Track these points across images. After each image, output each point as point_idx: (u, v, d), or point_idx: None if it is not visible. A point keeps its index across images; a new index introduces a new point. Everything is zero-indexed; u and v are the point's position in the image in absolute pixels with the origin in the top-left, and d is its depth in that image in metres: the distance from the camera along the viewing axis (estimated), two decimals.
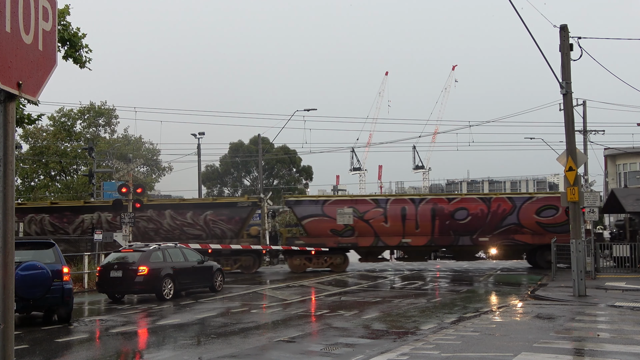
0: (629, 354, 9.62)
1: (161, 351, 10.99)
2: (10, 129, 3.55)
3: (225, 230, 31.51)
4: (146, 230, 31.49)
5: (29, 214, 31.83)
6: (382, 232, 31.20)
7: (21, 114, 17.61)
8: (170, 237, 31.14)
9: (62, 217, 31.82)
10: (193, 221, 31.57)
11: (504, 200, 30.92)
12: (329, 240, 31.26)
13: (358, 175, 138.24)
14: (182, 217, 31.67)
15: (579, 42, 19.09)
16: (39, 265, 13.64)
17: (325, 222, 31.30)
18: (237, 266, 31.24)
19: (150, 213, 31.52)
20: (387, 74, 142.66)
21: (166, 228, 31.63)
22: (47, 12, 3.87)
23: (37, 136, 49.14)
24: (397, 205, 31.43)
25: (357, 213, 31.27)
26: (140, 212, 31.02)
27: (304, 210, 31.72)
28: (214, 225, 31.47)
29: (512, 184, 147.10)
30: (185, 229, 31.59)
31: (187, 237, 31.25)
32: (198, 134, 45.69)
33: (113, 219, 31.22)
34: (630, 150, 52.22)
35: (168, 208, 32.03)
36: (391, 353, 9.99)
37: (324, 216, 31.39)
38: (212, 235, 31.49)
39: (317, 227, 31.34)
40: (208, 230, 31.53)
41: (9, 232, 3.51)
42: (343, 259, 31.73)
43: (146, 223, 31.47)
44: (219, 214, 31.55)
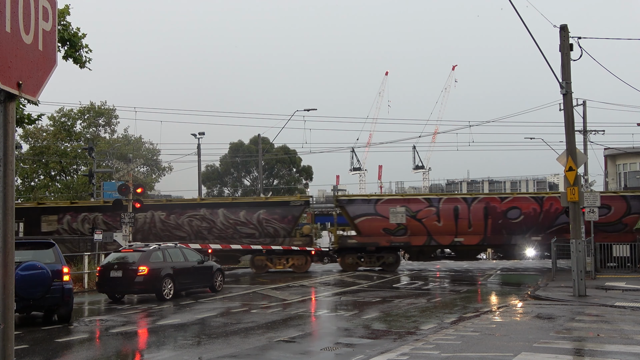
0: (629, 354, 9.62)
1: (161, 351, 10.99)
2: (10, 129, 3.55)
3: (278, 229, 31.54)
4: (199, 229, 31.60)
5: (82, 212, 32.03)
6: (435, 231, 31.23)
7: (21, 114, 17.62)
8: (223, 236, 31.34)
9: (115, 215, 31.83)
10: (246, 220, 31.64)
11: (556, 200, 30.77)
12: (382, 239, 31.26)
13: (358, 175, 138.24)
14: (235, 216, 31.72)
15: (579, 42, 19.11)
16: (39, 265, 13.64)
17: (377, 221, 31.30)
18: (289, 265, 31.36)
19: (203, 212, 31.69)
20: (387, 74, 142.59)
21: (219, 227, 31.66)
22: (47, 12, 3.87)
23: (37, 136, 49.14)
24: (450, 205, 31.47)
25: (409, 212, 31.29)
26: (193, 211, 31.31)
27: (357, 210, 31.69)
28: (267, 224, 31.53)
29: (512, 184, 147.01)
30: (239, 228, 31.63)
31: (240, 236, 31.44)
32: (198, 134, 45.69)
33: (166, 218, 31.41)
34: (630, 150, 52.21)
35: (221, 207, 32.19)
36: (391, 353, 9.99)
37: (376, 215, 31.38)
38: (265, 234, 31.55)
39: (370, 226, 31.36)
40: (261, 229, 31.57)
41: (9, 232, 3.51)
42: (395, 258, 31.78)
43: (199, 222, 31.60)
44: (271, 213, 31.62)
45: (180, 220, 31.66)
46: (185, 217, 31.73)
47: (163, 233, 31.65)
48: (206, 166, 74.55)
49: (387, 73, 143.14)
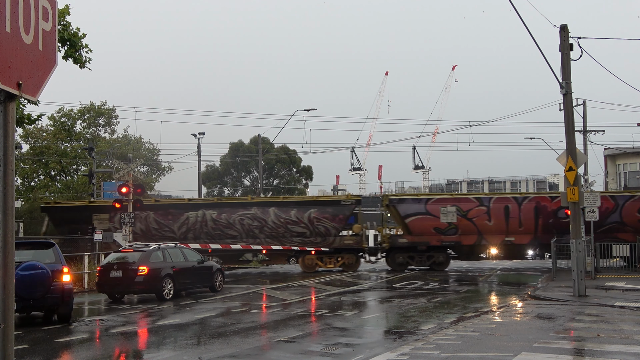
0: (629, 354, 9.62)
1: (161, 351, 10.99)
2: (10, 129, 3.55)
3: (329, 228, 31.53)
4: (251, 228, 31.63)
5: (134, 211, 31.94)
6: (485, 230, 31.20)
7: (21, 114, 17.61)
8: (274, 235, 31.39)
9: (166, 214, 31.94)
10: (297, 219, 31.63)
11: (606, 199, 30.69)
12: (432, 238, 31.24)
13: (358, 175, 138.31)
14: (286, 215, 31.72)
15: (579, 42, 19.10)
16: (39, 265, 13.64)
17: (428, 220, 31.27)
18: (340, 264, 31.36)
19: (254, 211, 31.72)
20: (387, 74, 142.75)
21: (270, 226, 31.66)
22: (47, 12, 3.87)
23: (37, 136, 49.12)
24: (501, 204, 31.41)
25: (460, 211, 31.24)
26: (245, 209, 31.39)
27: (407, 209, 31.67)
28: (318, 223, 31.53)
29: (512, 184, 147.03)
30: (290, 227, 31.65)
31: (291, 235, 31.50)
32: (198, 134, 45.68)
33: (218, 217, 31.46)
34: (630, 150, 52.20)
35: (272, 206, 32.19)
36: (391, 353, 9.98)
37: (427, 214, 31.34)
38: (316, 233, 31.55)
39: (420, 225, 31.35)
40: (312, 228, 31.57)
41: (9, 232, 3.51)
42: (445, 258, 31.74)
43: (251, 221, 31.64)
44: (323, 212, 31.63)
45: (232, 219, 31.59)
46: (237, 216, 31.66)
47: (214, 232, 31.64)
48: (206, 166, 74.55)
49: (387, 73, 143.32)
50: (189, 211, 31.93)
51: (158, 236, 31.43)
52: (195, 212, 31.80)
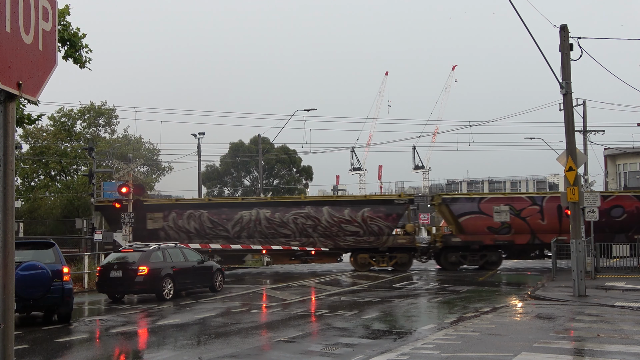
0: (629, 354, 9.62)
1: (161, 351, 10.99)
2: (10, 129, 3.55)
3: (382, 227, 31.48)
4: (304, 227, 31.64)
5: (187, 209, 32.07)
6: (539, 229, 31.11)
7: (21, 114, 17.60)
8: (328, 234, 31.41)
9: (220, 213, 31.90)
10: (351, 218, 31.60)
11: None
12: (486, 237, 31.16)
13: (358, 175, 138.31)
14: (339, 214, 31.70)
15: (579, 42, 19.11)
16: (39, 265, 13.64)
17: (481, 220, 31.22)
18: (393, 263, 31.36)
19: (308, 210, 31.74)
20: (387, 74, 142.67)
21: (324, 225, 31.63)
22: (47, 12, 3.87)
23: (37, 136, 49.09)
24: (554, 203, 31.27)
25: (513, 210, 31.17)
26: (298, 208, 31.48)
27: (461, 208, 31.63)
28: (371, 222, 31.47)
29: (512, 184, 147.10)
30: (343, 226, 31.62)
31: (344, 234, 31.51)
32: (198, 134, 45.67)
33: (271, 216, 31.55)
34: (630, 150, 52.20)
35: (326, 205, 32.19)
36: (391, 353, 9.99)
37: (480, 213, 31.31)
38: (370, 232, 31.50)
39: (474, 225, 31.32)
40: (365, 227, 31.50)
41: (9, 232, 3.51)
42: (497, 257, 31.67)
43: (304, 220, 31.65)
44: (376, 211, 31.57)
45: (285, 218, 31.58)
46: (290, 215, 31.64)
47: (268, 231, 31.65)
48: (206, 166, 74.53)
49: (387, 73, 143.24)
50: (243, 210, 31.93)
51: (212, 235, 31.58)
52: (249, 210, 31.81)
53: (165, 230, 31.60)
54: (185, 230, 31.59)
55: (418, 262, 33.98)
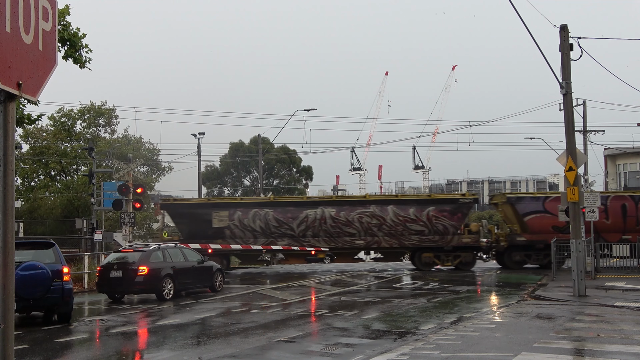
0: (629, 354, 9.62)
1: (161, 351, 10.99)
2: (10, 129, 3.55)
3: (447, 226, 31.54)
4: (369, 225, 31.68)
5: (253, 208, 32.11)
6: (603, 228, 31.07)
7: (21, 114, 17.60)
8: (393, 233, 31.46)
9: (286, 212, 31.94)
10: (416, 217, 31.66)
11: None
12: (550, 236, 30.76)
13: (358, 175, 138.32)
14: (404, 213, 31.74)
15: (579, 42, 19.11)
16: (39, 265, 13.64)
17: (546, 219, 31.19)
18: (457, 262, 31.42)
19: (372, 209, 31.76)
20: (387, 74, 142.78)
21: (389, 224, 31.67)
22: (47, 12, 3.87)
23: (37, 136, 49.08)
24: (618, 202, 31.40)
25: None
26: (363, 207, 31.53)
27: (526, 207, 31.65)
28: (436, 221, 31.54)
29: (512, 184, 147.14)
30: (408, 225, 31.67)
31: (409, 233, 31.58)
32: (198, 134, 45.66)
33: (336, 215, 31.59)
34: (630, 150, 52.19)
35: (391, 204, 32.22)
36: (391, 353, 9.98)
37: (545, 213, 31.30)
38: (434, 231, 31.55)
39: (539, 224, 31.32)
40: (430, 226, 31.57)
41: (9, 232, 3.51)
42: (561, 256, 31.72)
43: (369, 219, 31.69)
44: (441, 210, 31.63)
45: (351, 216, 31.62)
46: (355, 214, 31.67)
47: (333, 230, 31.69)
48: (206, 166, 74.50)
49: (387, 73, 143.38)
50: (308, 209, 31.97)
51: (277, 233, 31.65)
52: (314, 209, 31.85)
53: (230, 229, 31.62)
54: (250, 229, 31.64)
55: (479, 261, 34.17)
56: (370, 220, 31.66)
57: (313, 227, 31.65)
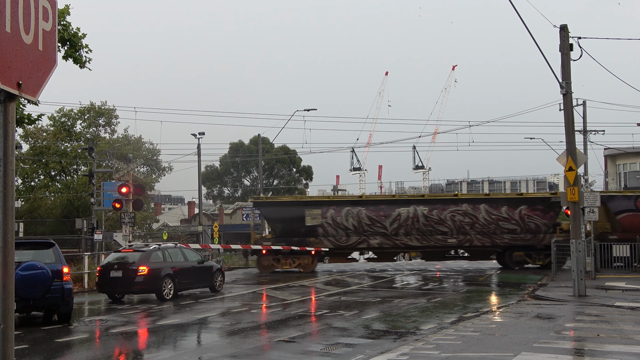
0: (629, 354, 9.62)
1: (161, 351, 10.99)
2: (10, 129, 3.55)
3: (539, 225, 31.50)
4: (462, 224, 31.71)
5: (345, 206, 32.09)
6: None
7: (21, 114, 17.60)
8: (485, 232, 31.47)
9: (378, 210, 31.91)
10: (508, 215, 31.67)
11: None
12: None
13: (358, 175, 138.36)
14: (497, 212, 31.74)
15: (579, 42, 19.10)
16: (39, 265, 13.64)
17: (638, 217, 31.08)
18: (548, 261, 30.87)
19: (465, 207, 31.80)
20: (387, 74, 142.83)
21: (481, 222, 31.67)
22: (47, 12, 3.87)
23: (37, 136, 49.08)
24: None
25: None
26: (455, 206, 31.58)
27: (618, 206, 31.59)
28: (528, 219, 31.50)
29: (512, 184, 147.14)
30: (501, 224, 31.67)
31: (501, 231, 31.56)
32: (198, 134, 45.61)
33: (429, 213, 31.63)
34: (630, 150, 52.17)
35: (483, 202, 32.21)
36: (391, 353, 9.98)
37: (637, 211, 31.23)
38: (527, 229, 31.49)
39: (631, 222, 31.20)
40: (523, 225, 31.54)
41: (9, 232, 3.51)
42: None
43: (462, 217, 31.73)
44: (533, 209, 31.58)
45: (443, 215, 31.65)
46: (448, 213, 31.69)
47: (426, 228, 31.72)
48: (206, 166, 74.49)
49: (387, 73, 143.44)
50: (400, 207, 31.96)
51: (370, 232, 31.67)
52: (407, 208, 31.85)
53: (323, 227, 31.65)
54: (343, 227, 31.65)
55: None
56: (463, 218, 31.66)
57: (405, 226, 31.67)
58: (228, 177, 79.57)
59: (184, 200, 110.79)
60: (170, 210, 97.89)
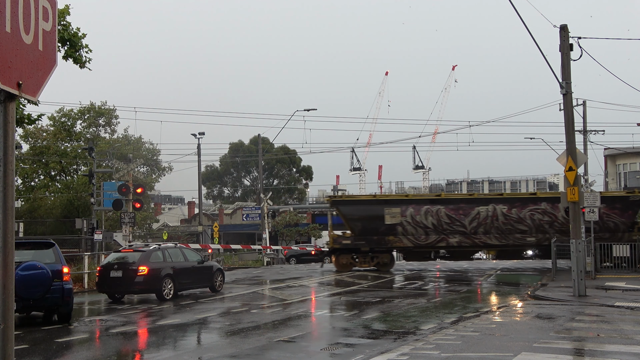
0: (629, 354, 9.62)
1: (161, 351, 10.99)
2: (10, 129, 3.55)
3: (617, 224, 31.31)
4: (541, 222, 31.54)
5: (425, 205, 32.07)
6: None
7: (21, 114, 17.60)
8: (564, 230, 30.69)
9: (457, 209, 31.85)
10: None
11: None
12: None
13: (358, 175, 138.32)
14: None
15: (579, 42, 19.11)
16: (39, 265, 13.64)
17: None
18: None
19: (544, 206, 31.63)
20: (387, 74, 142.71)
21: (560, 221, 31.32)
22: (47, 12, 3.87)
23: (37, 136, 49.09)
24: None
25: None
26: (534, 204, 31.41)
27: None
28: (607, 218, 31.26)
29: (512, 184, 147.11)
30: None
31: None
32: (198, 134, 45.67)
33: (508, 212, 31.50)
34: (630, 150, 52.21)
35: None
36: (391, 353, 9.98)
37: None
38: (605, 228, 31.23)
39: None
40: (602, 224, 31.12)
41: (9, 232, 3.51)
42: None
43: (541, 216, 31.55)
44: (612, 208, 31.31)
45: (522, 214, 31.50)
46: (527, 211, 31.54)
47: (505, 227, 31.60)
48: (206, 166, 74.51)
49: (387, 73, 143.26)
50: (479, 206, 31.87)
51: (449, 230, 31.63)
52: (486, 206, 31.75)
53: (402, 226, 31.61)
54: (422, 225, 31.61)
55: None
56: (542, 217, 31.46)
57: (485, 224, 31.58)
58: (228, 177, 79.57)
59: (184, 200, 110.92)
60: (170, 210, 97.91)
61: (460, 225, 31.58)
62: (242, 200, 74.11)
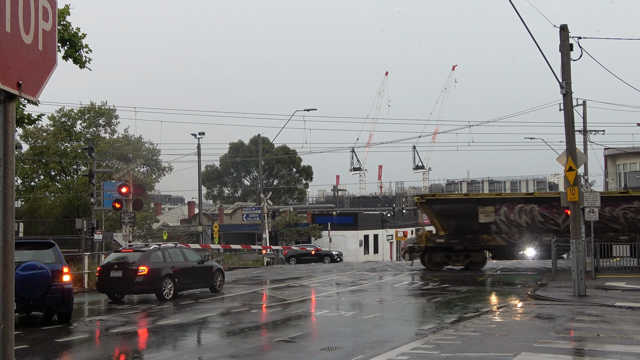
0: (629, 354, 9.62)
1: (161, 351, 10.99)
2: (10, 129, 3.55)
3: None
4: (634, 221, 31.19)
5: (518, 203, 31.93)
6: None
7: (21, 114, 17.59)
8: None
9: (551, 207, 31.50)
10: None
11: None
12: None
13: (358, 175, 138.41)
14: None
15: (579, 42, 19.10)
16: (39, 265, 13.64)
17: None
18: None
19: (636, 204, 31.29)
20: (387, 74, 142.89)
21: None
22: (47, 12, 3.87)
23: (37, 136, 49.09)
24: None
25: None
26: (627, 203, 31.03)
27: None
28: None
29: (512, 184, 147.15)
30: None
31: None
32: (198, 134, 45.65)
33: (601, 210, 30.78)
34: (630, 150, 52.20)
35: None
36: (391, 353, 9.98)
37: None
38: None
39: None
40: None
41: (9, 232, 3.51)
42: None
43: (634, 214, 31.26)
44: None
45: (615, 212, 31.19)
46: (620, 210, 31.22)
47: (598, 225, 30.63)
48: (206, 166, 74.50)
49: (387, 73, 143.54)
50: None
51: (542, 229, 31.39)
52: None
53: (496, 224, 31.47)
54: (516, 224, 31.43)
55: None
56: (635, 215, 31.11)
57: None
58: (228, 177, 79.57)
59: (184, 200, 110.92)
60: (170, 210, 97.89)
61: (554, 224, 31.33)
62: (242, 200, 74.11)
